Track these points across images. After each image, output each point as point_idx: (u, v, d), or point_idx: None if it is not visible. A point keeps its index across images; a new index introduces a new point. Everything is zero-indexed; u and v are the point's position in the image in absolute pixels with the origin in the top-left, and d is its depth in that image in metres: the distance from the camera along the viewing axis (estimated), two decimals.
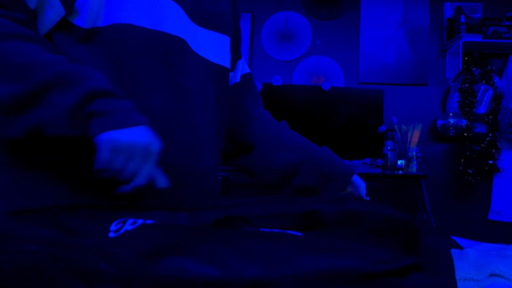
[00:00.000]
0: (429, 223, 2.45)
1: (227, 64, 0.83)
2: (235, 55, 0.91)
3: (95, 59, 0.63)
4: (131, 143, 0.56)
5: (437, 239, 0.58)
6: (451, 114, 2.77)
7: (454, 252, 0.70)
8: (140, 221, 0.44)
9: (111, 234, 0.43)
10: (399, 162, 2.65)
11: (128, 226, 0.43)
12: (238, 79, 0.94)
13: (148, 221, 0.45)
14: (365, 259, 0.41)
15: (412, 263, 0.44)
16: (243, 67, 0.96)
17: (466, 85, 2.77)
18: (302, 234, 0.47)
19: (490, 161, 2.77)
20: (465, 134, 2.77)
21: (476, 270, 1.16)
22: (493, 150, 2.77)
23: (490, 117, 2.79)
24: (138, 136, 0.57)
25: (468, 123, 2.75)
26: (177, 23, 0.69)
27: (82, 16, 0.62)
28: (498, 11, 2.91)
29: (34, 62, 0.54)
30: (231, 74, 0.91)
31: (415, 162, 2.66)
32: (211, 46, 0.77)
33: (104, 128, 0.55)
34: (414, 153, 2.68)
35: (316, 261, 0.39)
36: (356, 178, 0.95)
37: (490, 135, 2.78)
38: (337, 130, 2.79)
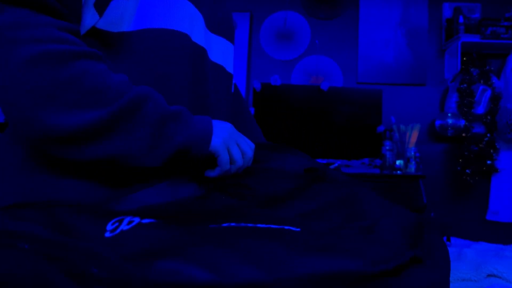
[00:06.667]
0: (435, 221, 2.46)
1: (232, 70, 0.84)
2: None
3: (123, 63, 0.61)
4: (229, 132, 0.62)
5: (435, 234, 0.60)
6: (449, 114, 2.77)
7: (452, 252, 0.70)
8: (136, 220, 0.44)
9: (107, 234, 0.42)
10: (397, 162, 2.65)
11: (124, 226, 0.43)
12: None
13: (145, 220, 0.44)
14: (363, 259, 0.40)
15: (412, 255, 0.44)
16: None
17: (465, 85, 2.77)
18: (300, 229, 0.47)
19: (488, 161, 2.77)
20: (464, 134, 2.76)
21: (474, 271, 1.16)
22: (491, 151, 2.77)
23: (489, 117, 2.78)
24: (224, 125, 0.63)
25: (467, 123, 2.75)
26: (200, 32, 0.70)
27: (109, 20, 0.60)
28: (496, 12, 2.91)
29: (106, 85, 0.52)
30: None
31: (413, 162, 2.66)
32: (222, 52, 0.78)
33: (205, 136, 0.59)
34: (413, 153, 2.68)
35: (313, 262, 0.38)
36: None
37: (488, 135, 2.78)
38: (335, 130, 2.78)
